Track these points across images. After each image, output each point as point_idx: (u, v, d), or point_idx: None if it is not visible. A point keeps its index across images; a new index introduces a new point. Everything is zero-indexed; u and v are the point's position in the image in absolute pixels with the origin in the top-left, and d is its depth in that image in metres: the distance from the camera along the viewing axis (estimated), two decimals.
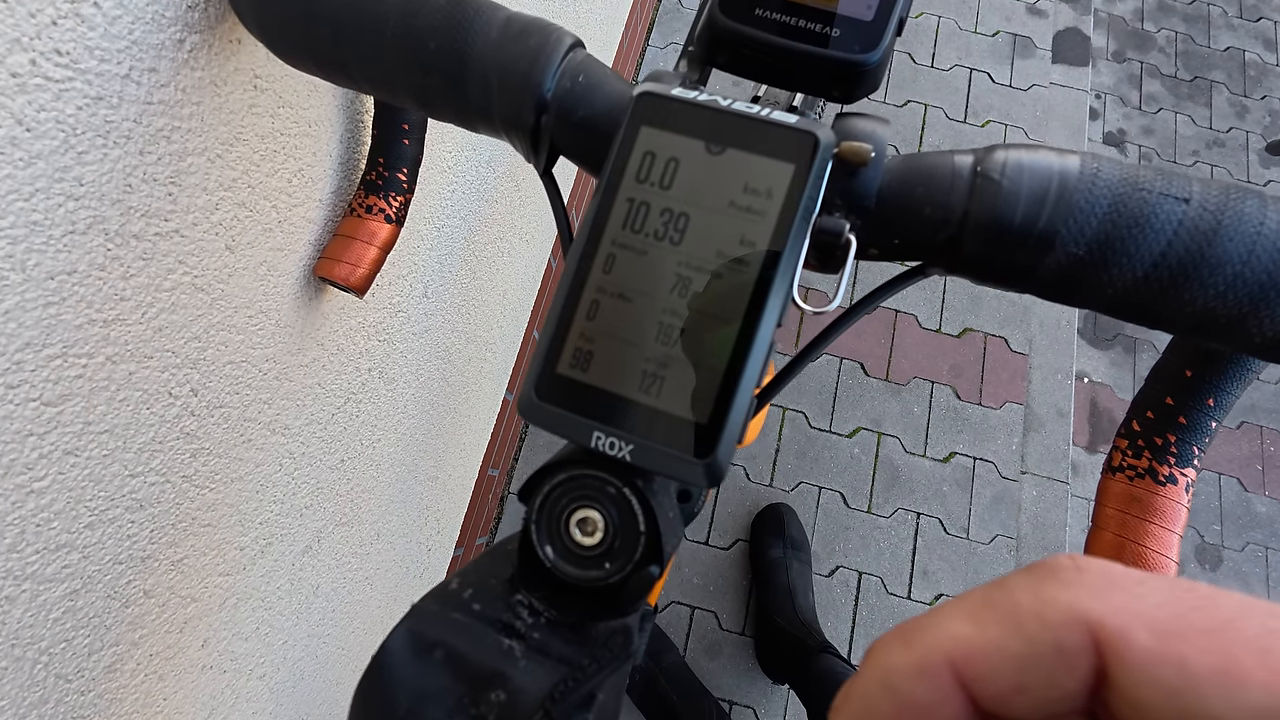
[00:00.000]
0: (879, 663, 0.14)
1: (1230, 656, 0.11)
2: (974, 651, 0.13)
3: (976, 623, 0.13)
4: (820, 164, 0.22)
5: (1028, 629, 0.12)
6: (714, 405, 0.21)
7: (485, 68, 0.27)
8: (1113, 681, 0.12)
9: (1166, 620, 0.11)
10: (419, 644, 0.22)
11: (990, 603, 0.13)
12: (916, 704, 0.13)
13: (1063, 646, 0.12)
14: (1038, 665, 0.12)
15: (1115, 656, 0.12)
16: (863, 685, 0.14)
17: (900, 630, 0.14)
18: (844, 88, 0.27)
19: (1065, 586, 0.12)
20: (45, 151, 0.29)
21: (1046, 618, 0.12)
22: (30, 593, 0.36)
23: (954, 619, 0.13)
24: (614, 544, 0.23)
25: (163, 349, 0.40)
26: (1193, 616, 0.11)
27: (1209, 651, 0.11)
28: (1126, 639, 0.12)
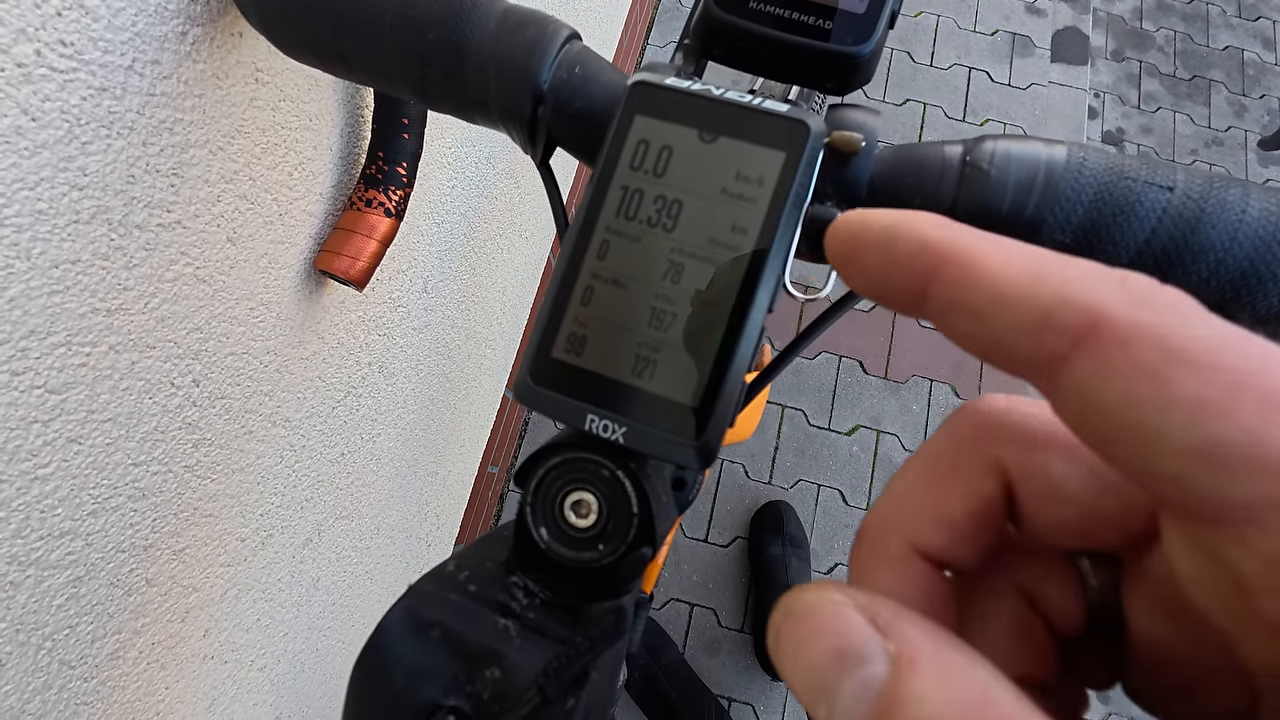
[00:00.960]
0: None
1: (1226, 388, 0.10)
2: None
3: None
4: (811, 152, 0.22)
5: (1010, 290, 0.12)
6: (705, 389, 0.22)
7: (483, 59, 0.28)
8: (1073, 370, 0.11)
9: (1171, 333, 0.11)
10: (416, 623, 0.23)
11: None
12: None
13: (1050, 316, 0.11)
14: (1016, 315, 0.12)
15: (1094, 337, 0.11)
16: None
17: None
18: (837, 80, 0.27)
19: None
20: (50, 141, 0.29)
21: (1042, 290, 0.12)
22: (34, 579, 0.36)
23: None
24: (607, 526, 0.23)
25: (165, 339, 0.40)
26: (1206, 345, 0.11)
27: (1204, 374, 0.10)
28: (1113, 322, 0.11)
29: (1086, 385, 0.11)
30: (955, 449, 0.14)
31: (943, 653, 0.11)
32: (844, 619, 0.12)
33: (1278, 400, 0.10)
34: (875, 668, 0.11)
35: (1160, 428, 0.10)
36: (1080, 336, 0.11)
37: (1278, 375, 0.10)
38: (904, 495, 0.15)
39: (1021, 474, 0.14)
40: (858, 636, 0.11)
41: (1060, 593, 0.14)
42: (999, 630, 0.14)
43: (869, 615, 0.12)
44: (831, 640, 0.12)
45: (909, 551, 0.14)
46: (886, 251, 0.13)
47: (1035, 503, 0.14)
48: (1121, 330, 0.11)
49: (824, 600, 0.12)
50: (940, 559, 0.14)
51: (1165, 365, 0.10)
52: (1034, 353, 0.12)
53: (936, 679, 0.11)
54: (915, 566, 0.14)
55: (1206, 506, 0.10)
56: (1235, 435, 0.10)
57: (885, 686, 0.11)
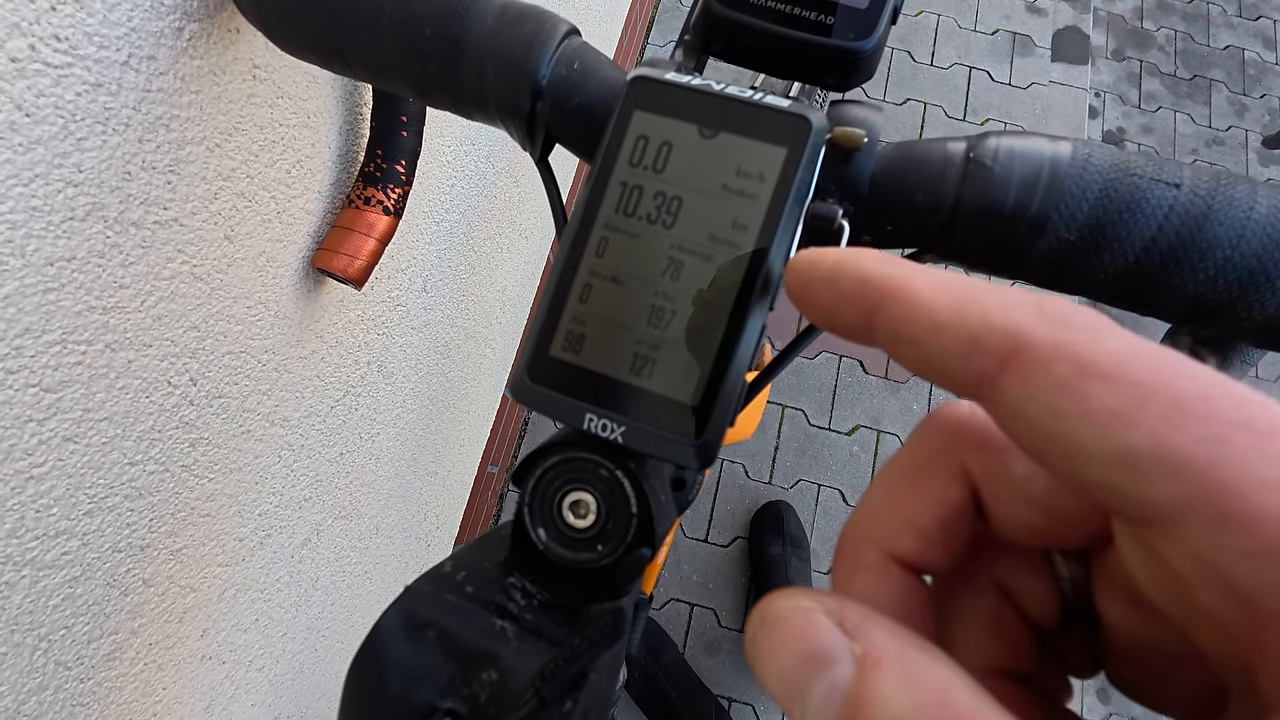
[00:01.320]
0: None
1: (1135, 399, 0.11)
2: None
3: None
4: (813, 148, 0.22)
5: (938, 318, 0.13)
6: (705, 387, 0.22)
7: (481, 54, 0.27)
8: (1002, 389, 0.12)
9: (1092, 352, 0.11)
10: (412, 624, 0.23)
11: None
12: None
13: (977, 341, 0.12)
14: (948, 348, 0.13)
15: (1016, 359, 0.12)
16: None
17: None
18: (839, 75, 0.27)
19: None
20: (44, 137, 0.29)
21: (967, 319, 0.13)
22: (30, 579, 0.36)
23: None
24: (606, 526, 0.23)
25: (162, 337, 0.40)
26: (1127, 360, 0.11)
27: (1115, 386, 0.11)
28: (1031, 343, 0.12)
29: (1015, 402, 0.12)
30: (923, 456, 0.15)
31: (906, 653, 0.12)
32: (812, 624, 0.12)
33: (1182, 407, 0.11)
34: (842, 669, 0.12)
35: (1081, 438, 0.11)
36: (1005, 358, 0.12)
37: (1182, 384, 0.11)
38: (877, 503, 0.15)
39: (985, 478, 0.14)
40: (825, 640, 0.12)
41: (1034, 586, 0.15)
42: (976, 624, 0.15)
43: (837, 619, 0.12)
44: (801, 645, 0.12)
45: (884, 559, 0.15)
46: (834, 288, 0.14)
47: (1000, 505, 0.14)
48: (1040, 351, 0.12)
49: (793, 607, 0.13)
50: (914, 564, 0.15)
51: (1080, 380, 0.11)
52: (967, 375, 0.13)
53: (899, 678, 0.11)
54: (891, 573, 0.15)
55: (1132, 509, 0.11)
56: (1145, 442, 0.11)
57: (852, 687, 0.12)
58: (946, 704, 0.11)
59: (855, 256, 0.14)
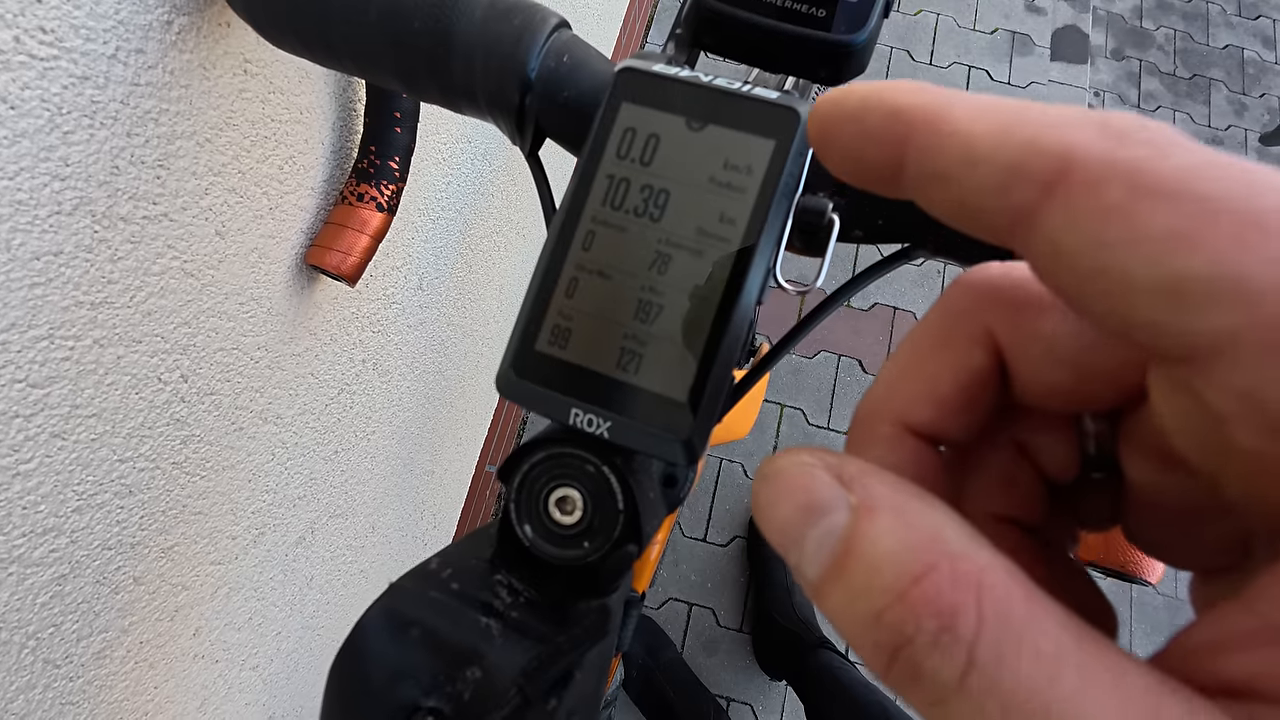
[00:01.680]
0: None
1: (1198, 217, 0.09)
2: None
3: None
4: (802, 140, 0.21)
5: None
6: (692, 383, 0.21)
7: (470, 47, 0.27)
8: (1042, 222, 0.11)
9: (1158, 170, 0.10)
10: (396, 622, 0.22)
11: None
12: None
13: (1019, 168, 0.11)
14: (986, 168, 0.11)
15: (1063, 184, 0.10)
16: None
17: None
18: (831, 69, 0.27)
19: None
20: (30, 130, 0.29)
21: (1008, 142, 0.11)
22: (17, 576, 0.36)
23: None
24: (593, 523, 0.23)
25: (152, 334, 0.40)
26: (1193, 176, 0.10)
27: (1177, 204, 0.09)
28: (1084, 164, 0.10)
29: (1056, 235, 0.10)
30: (945, 323, 0.14)
31: (901, 500, 0.12)
32: (810, 477, 0.12)
33: (1255, 224, 0.09)
34: (837, 516, 0.12)
35: (1129, 268, 0.10)
36: (1049, 184, 0.10)
37: (1261, 200, 0.09)
38: (894, 375, 0.14)
39: (1011, 340, 0.13)
40: (823, 491, 0.12)
41: (1053, 444, 0.14)
42: (988, 476, 0.15)
43: (835, 473, 0.12)
44: (800, 496, 0.12)
45: (899, 430, 0.14)
46: (861, 125, 0.13)
47: (1027, 367, 0.13)
48: (1092, 171, 0.10)
49: (793, 463, 0.13)
50: (931, 434, 0.14)
51: (1134, 201, 0.10)
52: (1004, 210, 0.11)
53: (891, 523, 0.11)
54: (905, 443, 0.14)
55: (1175, 346, 0.10)
56: (1203, 266, 0.09)
57: (845, 530, 0.11)
58: (936, 543, 0.11)
59: (887, 87, 0.13)
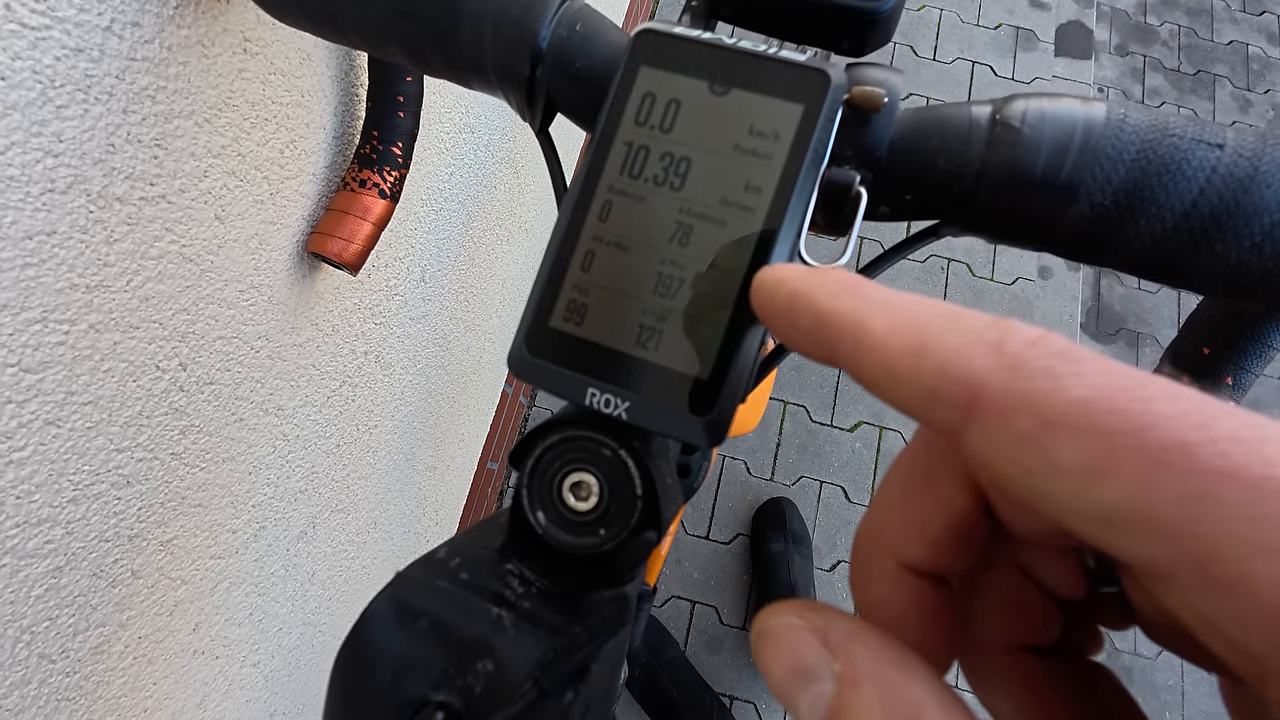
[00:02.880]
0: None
1: (1105, 452, 0.10)
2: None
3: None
4: (831, 105, 0.20)
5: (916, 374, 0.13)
6: (715, 360, 0.20)
7: (478, 16, 0.26)
8: (969, 439, 0.12)
9: (1068, 398, 0.11)
10: (403, 612, 0.21)
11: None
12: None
13: (936, 393, 0.12)
14: (918, 400, 0.12)
15: (976, 411, 0.11)
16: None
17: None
18: (854, 38, 0.26)
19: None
20: (21, 103, 0.27)
21: (924, 369, 0.12)
22: (10, 568, 0.35)
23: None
24: (609, 509, 0.22)
25: (149, 319, 0.38)
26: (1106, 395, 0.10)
27: (1082, 440, 0.10)
28: (989, 396, 0.11)
29: (982, 453, 0.12)
30: (928, 459, 0.14)
31: (883, 672, 0.12)
32: (798, 640, 0.13)
33: (1158, 459, 0.10)
34: (823, 685, 0.12)
35: (1053, 495, 0.11)
36: (966, 408, 0.12)
37: (1158, 432, 0.10)
38: (886, 509, 0.15)
39: (991, 486, 0.14)
40: (809, 656, 0.13)
41: (1057, 568, 0.15)
42: (995, 603, 0.15)
43: (821, 636, 0.13)
44: (789, 659, 0.13)
45: (897, 567, 0.14)
46: (791, 322, 0.15)
47: (1009, 513, 0.14)
48: (998, 404, 0.11)
49: (783, 624, 0.14)
50: (927, 571, 0.14)
51: (1044, 435, 0.11)
52: (936, 423, 0.12)
53: (874, 697, 0.12)
54: (905, 581, 0.14)
55: (1124, 560, 0.10)
56: (1121, 499, 0.10)
57: (832, 701, 0.12)
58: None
59: (811, 288, 0.14)
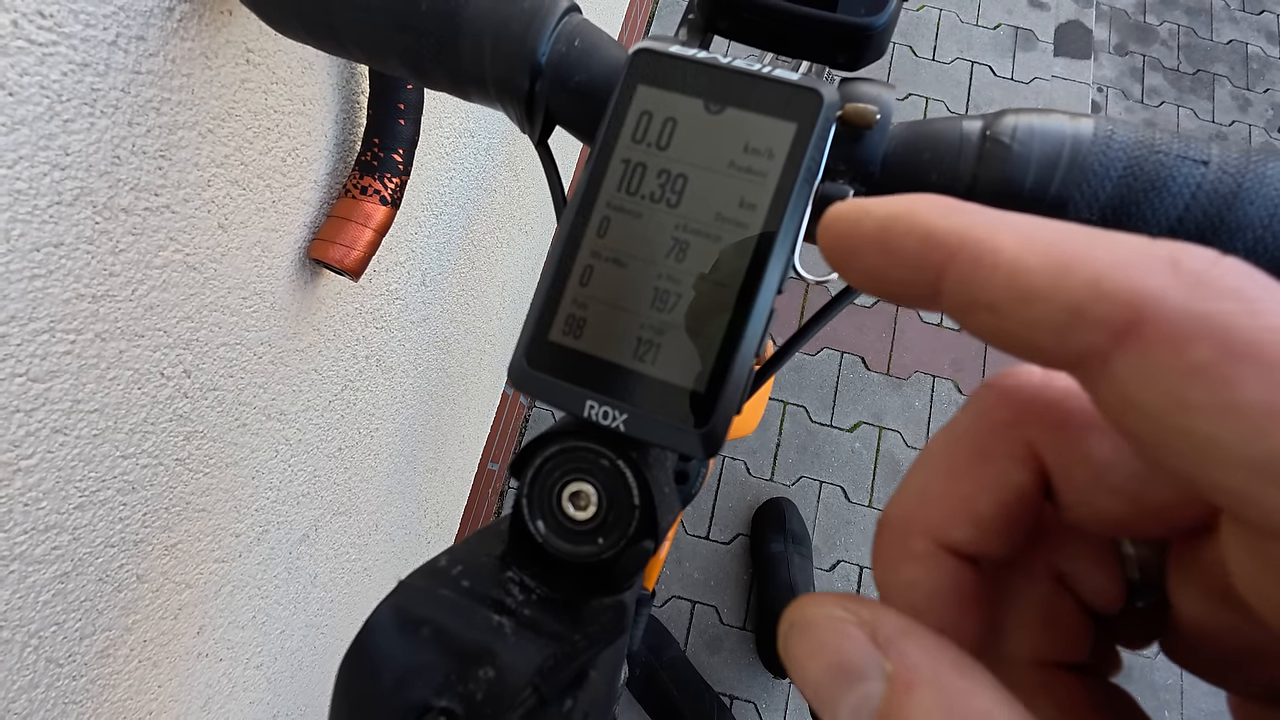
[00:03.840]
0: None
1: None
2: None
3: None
4: (824, 123, 0.21)
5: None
6: (711, 373, 0.21)
7: (478, 30, 0.27)
8: (1113, 369, 0.10)
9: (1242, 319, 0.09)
10: (405, 620, 0.22)
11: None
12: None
13: (1083, 311, 0.10)
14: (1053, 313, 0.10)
15: (1137, 334, 0.10)
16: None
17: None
18: (849, 53, 0.26)
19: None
20: (29, 117, 0.28)
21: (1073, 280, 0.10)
22: (19, 574, 0.35)
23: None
24: (607, 518, 0.22)
25: (154, 328, 0.39)
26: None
27: (1276, 377, 0.09)
28: (1161, 316, 0.09)
29: (1130, 387, 0.10)
30: (981, 433, 0.13)
31: (944, 676, 0.11)
32: (843, 635, 0.12)
33: None
34: (872, 685, 0.11)
35: (1218, 437, 0.09)
36: (1120, 332, 0.10)
37: None
38: (927, 486, 0.13)
39: (1058, 461, 0.12)
40: (856, 653, 0.11)
41: (1098, 574, 0.13)
42: (1028, 614, 0.14)
43: (869, 631, 0.12)
44: (831, 656, 0.12)
45: (934, 547, 0.13)
46: (887, 247, 0.12)
47: (1075, 492, 0.12)
48: (1172, 326, 0.09)
49: (825, 615, 0.12)
50: (969, 553, 0.13)
51: (1227, 365, 0.09)
52: (1066, 351, 0.10)
53: (935, 703, 0.10)
54: (941, 563, 0.13)
55: (1263, 521, 0.09)
56: None
57: (883, 706, 0.11)
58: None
59: (912, 206, 0.12)
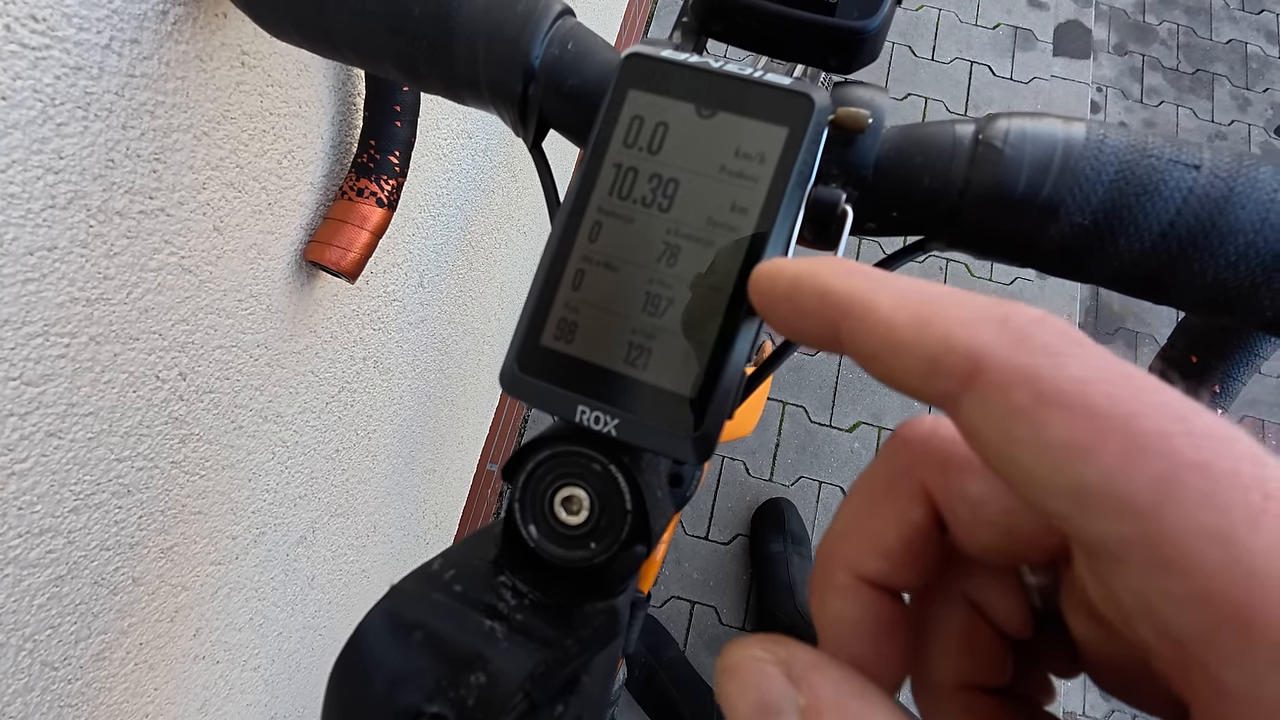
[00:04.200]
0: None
1: (1092, 432, 0.11)
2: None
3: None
4: (815, 127, 0.21)
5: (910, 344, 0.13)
6: (703, 378, 0.21)
7: (472, 34, 0.27)
8: (963, 409, 0.12)
9: (1057, 376, 0.11)
10: (397, 625, 0.22)
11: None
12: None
13: (937, 362, 0.12)
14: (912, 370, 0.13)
15: (976, 381, 0.12)
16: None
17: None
18: (842, 57, 0.26)
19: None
20: (22, 121, 0.28)
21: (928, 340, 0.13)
22: (13, 578, 0.35)
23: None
24: (599, 523, 0.22)
25: (149, 330, 0.39)
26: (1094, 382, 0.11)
27: (1072, 417, 0.11)
28: (990, 366, 0.12)
29: (975, 423, 0.12)
30: (887, 474, 0.15)
31: (845, 703, 0.13)
32: (762, 674, 0.13)
33: (1139, 444, 0.10)
34: (788, 718, 0.13)
35: (1035, 468, 0.11)
36: (966, 378, 0.12)
37: (1144, 420, 0.11)
38: (845, 524, 0.15)
39: (943, 498, 0.14)
40: (774, 690, 0.13)
41: (1004, 601, 0.15)
42: (948, 639, 0.16)
43: (785, 669, 0.13)
44: (754, 694, 0.13)
45: (853, 580, 0.15)
46: (794, 304, 0.15)
47: (959, 526, 0.14)
48: (999, 374, 0.12)
49: (748, 657, 0.14)
50: (883, 584, 0.15)
51: (1037, 409, 0.11)
52: (930, 393, 0.13)
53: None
54: (861, 594, 0.15)
55: (1081, 540, 0.11)
56: (1096, 477, 0.11)
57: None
58: None
59: (815, 269, 0.14)
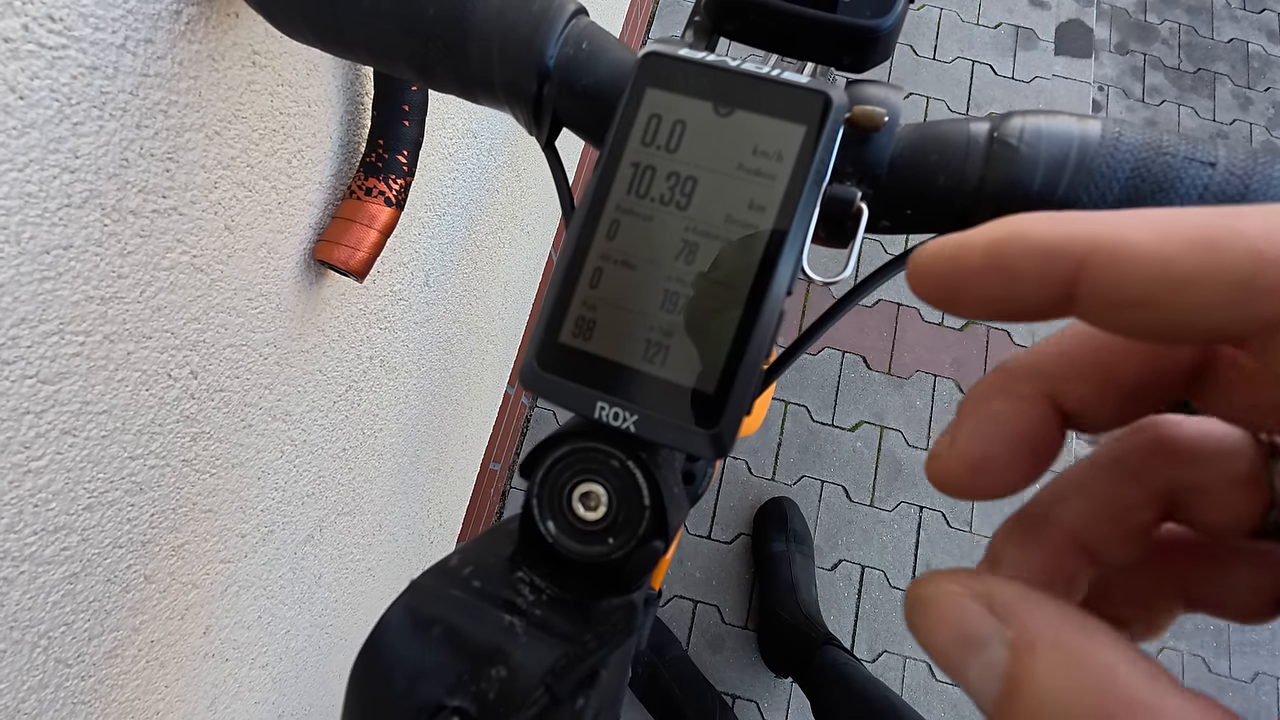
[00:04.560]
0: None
1: None
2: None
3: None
4: (833, 125, 0.21)
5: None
6: (720, 374, 0.21)
7: (486, 34, 0.27)
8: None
9: None
10: (417, 620, 0.22)
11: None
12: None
13: (1251, 281, 0.10)
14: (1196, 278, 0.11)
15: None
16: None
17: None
18: (855, 55, 0.27)
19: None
20: (39, 121, 0.28)
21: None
22: (29, 575, 0.35)
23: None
24: (617, 519, 0.22)
25: (162, 329, 0.39)
26: None
27: None
28: None
29: None
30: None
31: (1064, 635, 0.11)
32: (960, 608, 0.12)
33: None
34: (995, 651, 0.11)
35: None
36: None
37: None
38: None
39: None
40: (976, 624, 0.12)
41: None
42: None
43: (986, 602, 0.12)
44: (953, 628, 0.12)
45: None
46: (1003, 272, 0.12)
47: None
48: None
49: (941, 592, 0.13)
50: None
51: None
52: (1238, 324, 0.11)
53: (1057, 663, 0.11)
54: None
55: None
56: None
57: (1008, 669, 0.11)
58: (1114, 688, 0.10)
59: (1020, 228, 0.12)
